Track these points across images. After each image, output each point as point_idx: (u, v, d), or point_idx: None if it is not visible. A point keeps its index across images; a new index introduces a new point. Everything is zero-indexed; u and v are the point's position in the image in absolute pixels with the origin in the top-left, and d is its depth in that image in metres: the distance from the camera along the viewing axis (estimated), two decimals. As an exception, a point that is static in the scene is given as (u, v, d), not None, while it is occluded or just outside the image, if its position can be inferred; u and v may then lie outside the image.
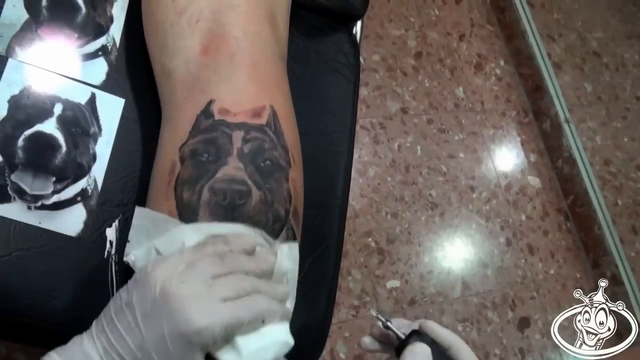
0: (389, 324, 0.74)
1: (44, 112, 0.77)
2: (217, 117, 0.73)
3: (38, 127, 0.76)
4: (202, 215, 0.69)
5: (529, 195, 2.07)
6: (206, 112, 0.73)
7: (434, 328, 0.72)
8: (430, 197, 1.92)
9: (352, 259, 1.75)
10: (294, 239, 0.75)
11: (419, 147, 1.96)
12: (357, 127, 1.84)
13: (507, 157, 2.10)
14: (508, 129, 2.13)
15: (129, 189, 0.81)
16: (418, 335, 0.72)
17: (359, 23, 1.16)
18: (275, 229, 0.72)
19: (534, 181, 2.10)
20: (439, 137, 2.00)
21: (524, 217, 2.03)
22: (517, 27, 2.23)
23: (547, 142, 2.17)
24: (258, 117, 0.74)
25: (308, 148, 0.85)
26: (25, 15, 0.81)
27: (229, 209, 0.69)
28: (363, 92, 1.94)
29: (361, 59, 1.12)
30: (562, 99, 2.14)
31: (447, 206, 1.94)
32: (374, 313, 0.75)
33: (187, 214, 0.70)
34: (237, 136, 0.72)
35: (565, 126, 2.11)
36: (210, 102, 0.73)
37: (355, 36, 1.12)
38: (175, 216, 0.70)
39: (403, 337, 0.73)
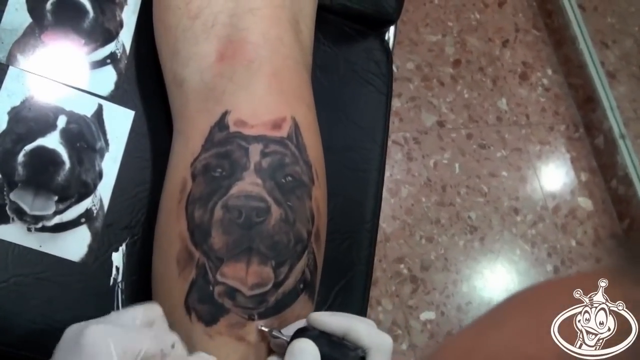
0: (274, 332, 0.68)
1: (46, 125, 0.78)
2: (232, 129, 0.73)
3: (40, 142, 0.76)
4: (215, 235, 0.69)
5: (580, 219, 2.05)
6: (220, 124, 0.73)
7: (320, 319, 0.66)
8: (469, 219, 1.91)
9: (382, 288, 1.74)
10: (314, 265, 0.74)
11: (457, 165, 1.95)
12: (389, 143, 1.84)
13: (555, 176, 2.08)
14: (556, 144, 2.12)
15: (138, 210, 0.81)
16: (304, 332, 0.67)
17: (391, 28, 1.16)
18: (297, 251, 0.72)
19: (585, 203, 2.08)
20: (479, 153, 1.99)
21: (573, 243, 2.01)
22: (566, 32, 2.22)
23: (599, 160, 2.14)
24: (278, 129, 0.74)
25: (334, 165, 0.84)
26: (28, 20, 0.81)
27: (245, 227, 0.69)
28: (396, 103, 1.94)
29: (394, 68, 1.12)
30: (616, 111, 2.12)
31: (488, 230, 1.92)
32: (258, 325, 0.69)
33: (198, 236, 0.70)
34: (255, 149, 0.72)
35: (621, 142, 2.09)
36: (225, 113, 0.74)
37: (387, 43, 1.12)
38: (186, 238, 0.70)
39: (288, 339, 0.67)
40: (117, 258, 0.79)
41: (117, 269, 0.79)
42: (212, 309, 0.69)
